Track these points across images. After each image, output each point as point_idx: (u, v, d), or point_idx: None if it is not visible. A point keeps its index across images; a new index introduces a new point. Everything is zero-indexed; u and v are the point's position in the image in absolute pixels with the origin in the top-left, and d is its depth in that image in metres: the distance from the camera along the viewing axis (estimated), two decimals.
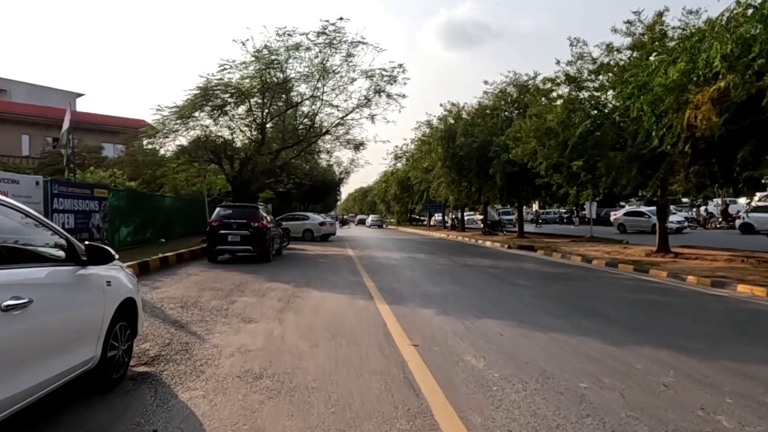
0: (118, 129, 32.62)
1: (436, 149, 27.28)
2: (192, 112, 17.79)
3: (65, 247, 3.36)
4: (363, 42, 18.20)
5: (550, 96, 19.53)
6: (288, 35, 17.80)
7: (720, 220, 29.48)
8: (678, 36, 14.04)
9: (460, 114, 27.91)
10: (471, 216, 46.04)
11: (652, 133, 11.30)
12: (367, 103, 19.77)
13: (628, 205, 41.92)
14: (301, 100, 19.29)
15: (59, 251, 3.34)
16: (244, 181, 19.44)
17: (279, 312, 6.71)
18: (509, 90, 25.64)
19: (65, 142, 13.10)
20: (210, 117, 18.25)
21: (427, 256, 16.67)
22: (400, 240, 28.38)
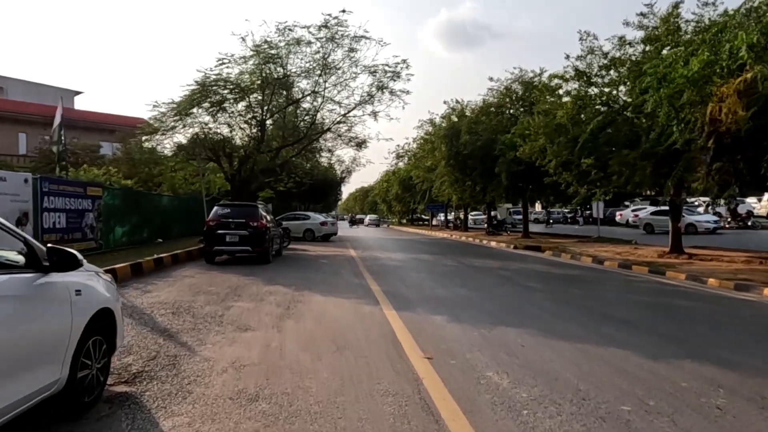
0: (117, 127, 32.18)
1: (439, 147, 26.77)
2: (190, 109, 17.27)
3: (24, 251, 2.84)
4: (366, 37, 17.68)
5: (558, 93, 19.03)
6: (289, 30, 17.30)
7: (729, 219, 28.89)
8: (692, 29, 13.52)
9: (464, 112, 27.40)
10: (480, 216, 45.05)
11: (671, 128, 10.78)
12: (369, 99, 19.25)
13: (633, 205, 41.35)
14: (302, 96, 18.75)
15: (17, 256, 2.84)
16: (244, 179, 18.92)
17: (278, 319, 6.19)
18: (514, 87, 25.12)
19: (56, 138, 12.59)
20: (208, 113, 17.73)
21: (432, 257, 16.15)
22: (403, 240, 27.86)
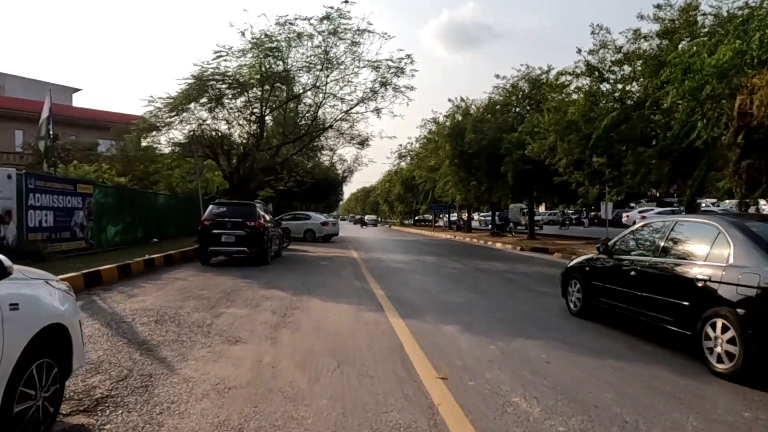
0: (115, 125, 31.61)
1: (443, 146, 26.15)
2: (186, 104, 16.66)
3: None
4: (369, 31, 17.05)
5: (566, 90, 18.43)
6: (290, 24, 16.68)
7: None
8: (710, 22, 12.91)
9: (469, 110, 26.76)
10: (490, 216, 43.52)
11: (693, 124, 10.16)
12: (372, 95, 18.63)
13: (638, 206, 40.57)
14: (303, 90, 18.12)
15: None
16: (242, 178, 18.31)
17: (272, 329, 5.58)
18: (521, 85, 24.49)
19: (44, 133, 12.00)
20: (206, 109, 17.12)
21: (436, 259, 15.53)
22: (405, 241, 27.24)
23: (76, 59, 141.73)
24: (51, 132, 12.08)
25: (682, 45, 12.96)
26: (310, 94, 18.41)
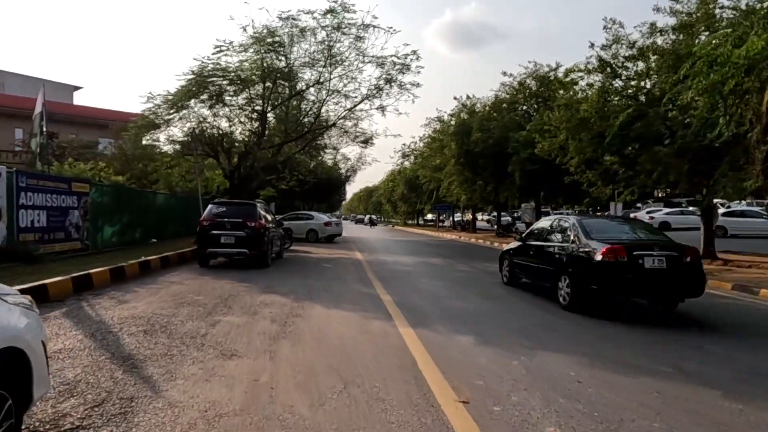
0: (116, 123, 31.24)
1: (449, 145, 25.68)
2: (186, 101, 16.21)
3: None
4: (374, 26, 16.58)
5: (574, 88, 17.93)
6: (292, 19, 16.22)
7: None
8: (728, 16, 12.39)
9: (474, 108, 26.26)
10: (504, 216, 41.57)
11: (714, 120, 9.65)
12: (377, 93, 18.14)
13: (645, 207, 39.87)
14: (306, 87, 17.64)
15: None
16: (243, 177, 17.85)
17: (272, 341, 5.10)
18: (528, 82, 23.98)
19: (37, 129, 11.56)
20: (206, 106, 16.66)
21: (443, 261, 15.03)
22: (410, 242, 26.73)
23: (77, 57, 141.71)
24: (44, 129, 11.63)
25: (700, 39, 12.47)
26: (313, 90, 17.96)
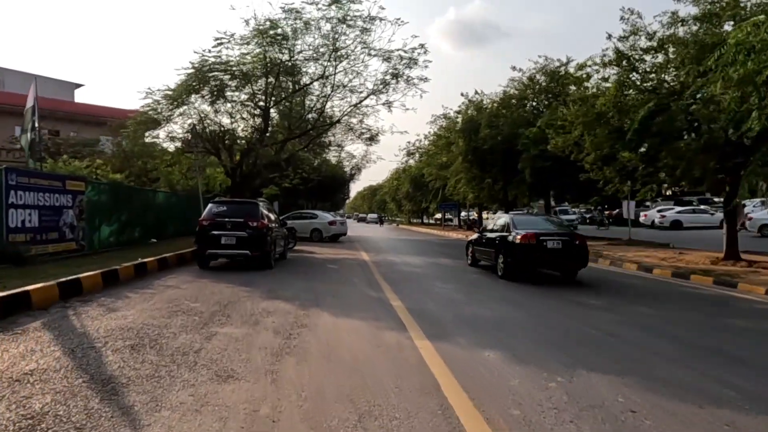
0: (116, 120, 30.74)
1: (457, 142, 25.03)
2: (187, 97, 15.65)
3: None
4: (380, 18, 15.96)
5: (591, 81, 17.26)
6: (296, 12, 15.61)
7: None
8: (754, 2, 11.72)
9: (481, 105, 25.58)
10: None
11: (744, 113, 9.01)
12: (383, 88, 17.54)
13: (654, 205, 39.10)
14: (310, 81, 17.03)
15: None
16: (246, 174, 17.30)
17: (274, 357, 4.52)
18: (538, 77, 23.30)
19: (28, 125, 11.03)
20: (207, 101, 16.10)
21: (453, 262, 14.40)
22: (416, 241, 26.13)
23: (79, 54, 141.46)
24: (36, 124, 11.09)
25: (724, 29, 11.82)
26: (317, 85, 17.36)
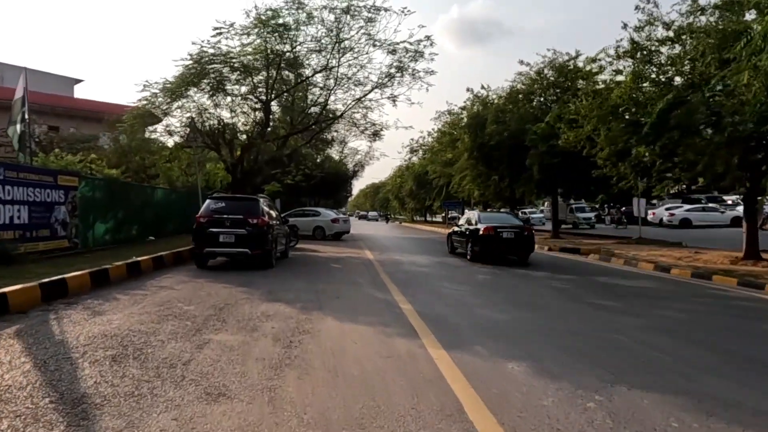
0: (112, 115, 30.27)
1: (462, 138, 24.46)
2: (184, 89, 15.14)
3: None
4: (385, 8, 15.40)
5: (601, 75, 16.74)
6: (299, 2, 15.06)
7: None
8: None
9: (487, 100, 24.96)
10: (537, 214, 39.67)
11: None
12: (388, 81, 17.00)
13: (661, 203, 38.46)
14: (313, 73, 16.49)
15: None
16: (246, 170, 16.80)
17: (273, 371, 4.01)
18: (546, 72, 22.68)
19: (16, 116, 10.54)
20: (206, 95, 15.58)
21: (461, 261, 13.88)
22: (421, 239, 25.60)
23: (79, 49, 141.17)
24: (26, 116, 10.61)
25: (746, 18, 11.26)
26: (320, 78, 16.82)
